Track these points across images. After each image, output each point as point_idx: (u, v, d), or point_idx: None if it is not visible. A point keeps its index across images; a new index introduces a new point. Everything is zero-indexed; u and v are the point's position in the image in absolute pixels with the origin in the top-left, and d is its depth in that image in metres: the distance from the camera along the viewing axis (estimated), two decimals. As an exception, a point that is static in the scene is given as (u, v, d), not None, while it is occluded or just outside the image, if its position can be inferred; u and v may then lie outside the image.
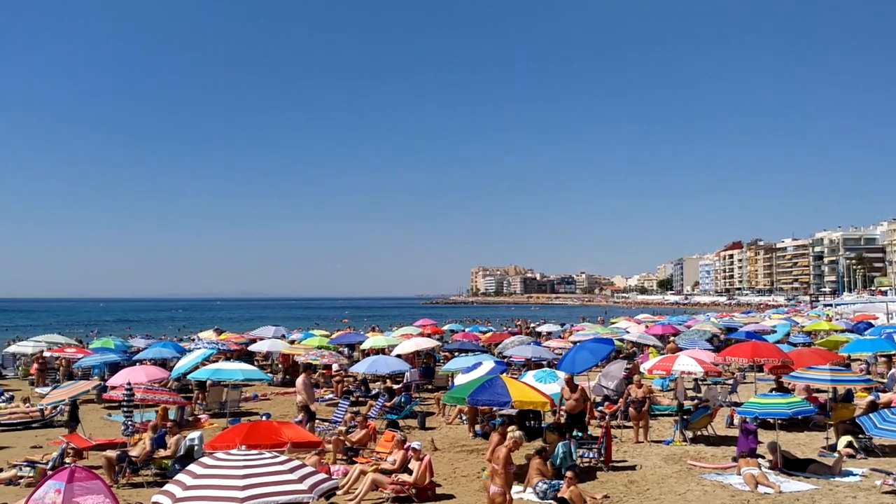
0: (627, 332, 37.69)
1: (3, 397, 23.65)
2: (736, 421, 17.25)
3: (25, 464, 14.31)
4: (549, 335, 44.08)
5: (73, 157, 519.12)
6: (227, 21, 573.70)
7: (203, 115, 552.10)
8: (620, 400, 18.94)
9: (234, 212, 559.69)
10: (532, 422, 17.73)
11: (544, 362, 25.75)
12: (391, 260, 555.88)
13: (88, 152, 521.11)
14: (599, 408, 19.87)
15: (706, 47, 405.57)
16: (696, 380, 23.97)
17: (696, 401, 19.58)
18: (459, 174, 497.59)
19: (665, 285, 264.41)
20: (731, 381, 23.72)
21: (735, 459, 14.19)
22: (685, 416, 17.39)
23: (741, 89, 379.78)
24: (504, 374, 17.50)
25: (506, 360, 27.57)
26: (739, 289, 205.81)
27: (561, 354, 24.61)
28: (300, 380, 18.48)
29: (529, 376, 18.20)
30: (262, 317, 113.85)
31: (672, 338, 33.87)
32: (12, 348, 34.73)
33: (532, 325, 56.65)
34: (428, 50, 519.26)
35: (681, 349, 25.84)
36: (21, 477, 13.81)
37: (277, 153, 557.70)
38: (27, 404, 21.60)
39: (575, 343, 28.64)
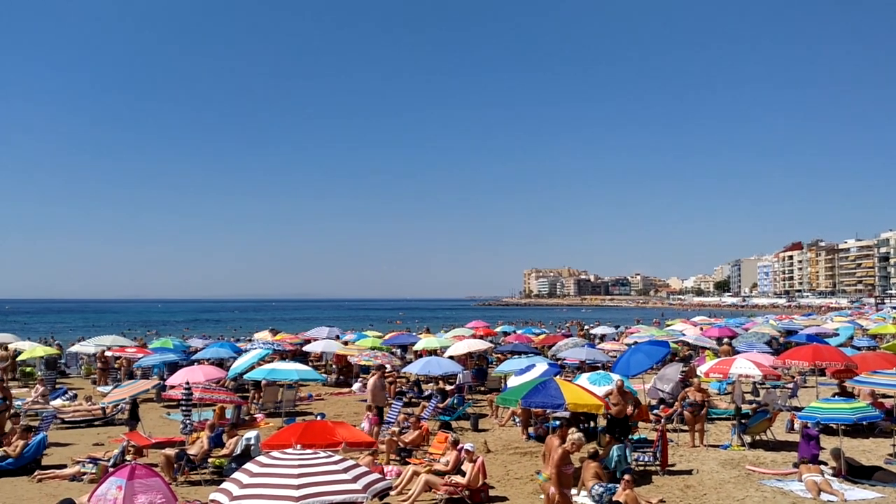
0: (683, 335, 37.11)
1: (66, 395, 24.28)
2: (797, 426, 16.86)
3: (88, 460, 14.68)
4: (604, 337, 43.65)
5: (138, 163, 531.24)
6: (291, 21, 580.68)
7: (261, 120, 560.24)
8: (676, 403, 18.65)
9: (290, 214, 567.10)
10: (584, 424, 17.57)
11: (598, 365, 25.51)
12: (443, 261, 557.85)
13: (155, 157, 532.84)
14: (654, 411, 19.59)
15: (764, 47, 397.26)
16: (754, 383, 23.49)
17: (754, 405, 19.17)
18: (513, 175, 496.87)
19: (722, 287, 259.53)
20: (791, 385, 23.16)
21: (796, 465, 13.86)
22: (743, 421, 17.04)
23: (804, 88, 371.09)
24: (557, 377, 17.37)
25: (559, 362, 27.38)
26: (799, 291, 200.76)
27: (615, 357, 24.35)
28: (372, 381, 18.67)
29: (583, 379, 18.05)
30: (315, 318, 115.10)
31: (728, 340, 33.22)
32: (75, 348, 35.67)
33: (586, 327, 56.14)
34: (482, 49, 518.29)
35: (737, 352, 25.31)
36: (84, 473, 14.18)
37: (332, 155, 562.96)
38: (90, 402, 22.15)
39: (630, 345, 28.32)
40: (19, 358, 31.65)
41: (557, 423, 17.59)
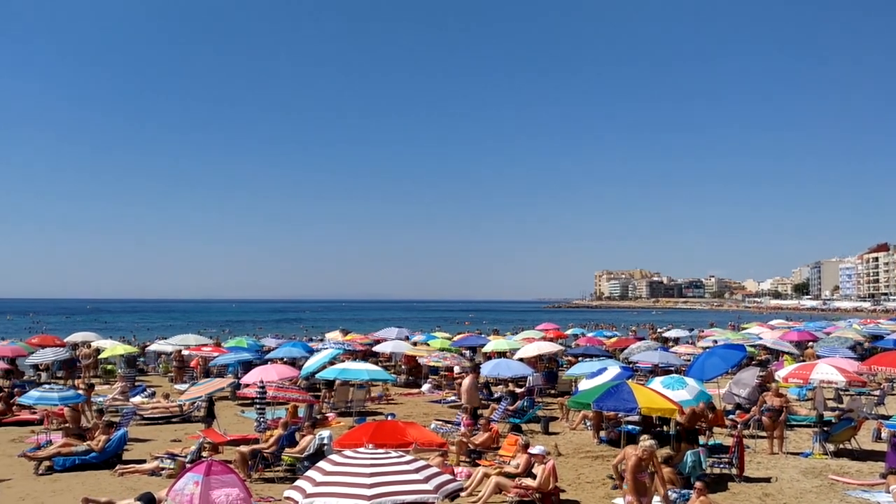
0: (760, 338, 36.16)
1: (145, 393, 25.01)
2: (884, 435, 16.18)
3: (166, 456, 15.06)
4: (677, 340, 42.85)
5: (221, 165, 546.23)
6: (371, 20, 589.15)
7: (328, 119, 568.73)
8: (754, 408, 18.12)
9: (359, 215, 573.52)
10: (657, 428, 17.22)
11: (672, 368, 25.03)
12: (512, 263, 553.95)
13: (221, 158, 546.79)
14: (731, 416, 19.10)
15: (850, 49, 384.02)
16: (837, 390, 22.65)
17: (837, 412, 18.50)
18: (584, 175, 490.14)
19: (801, 290, 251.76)
20: (877, 393, 22.29)
21: (884, 476, 13.27)
22: (825, 428, 16.44)
23: (882, 83, 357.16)
24: (630, 380, 17.09)
25: (631, 365, 26.96)
26: (886, 294, 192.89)
27: (689, 360, 23.85)
28: (467, 381, 18.69)
29: (657, 382, 17.67)
30: (385, 318, 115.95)
31: (811, 344, 32.18)
32: (154, 346, 36.77)
33: (659, 329, 55.19)
34: (545, 46, 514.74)
35: (819, 357, 24.49)
36: (162, 468, 14.54)
37: (400, 157, 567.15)
38: (167, 400, 22.76)
39: (704, 349, 27.70)
40: (101, 356, 32.79)
41: (629, 426, 17.33)
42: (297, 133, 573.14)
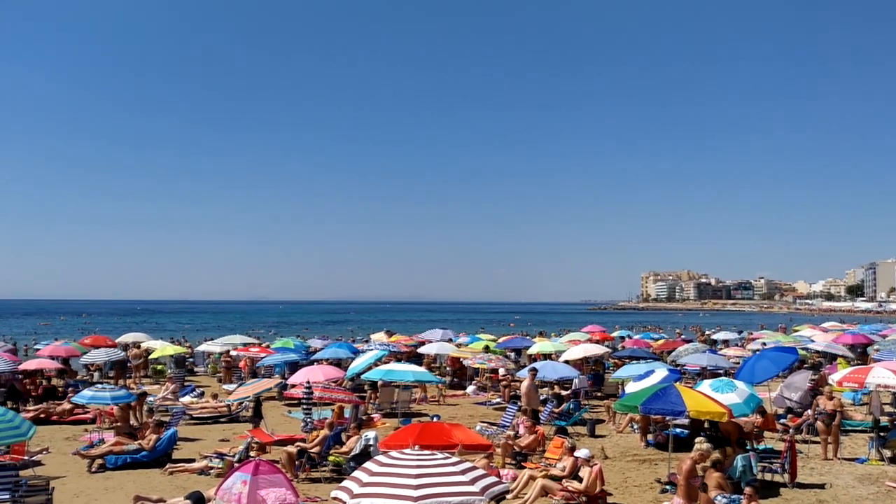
0: (812, 341, 35.32)
1: (194, 393, 25.39)
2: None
3: (215, 455, 15.27)
4: (726, 343, 42.12)
5: (259, 165, 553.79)
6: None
7: (376, 118, 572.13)
8: (806, 412, 17.72)
9: (404, 216, 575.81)
10: (707, 432, 16.92)
11: (720, 371, 24.61)
12: (557, 265, 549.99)
13: (271, 160, 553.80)
14: (782, 420, 18.69)
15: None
16: (894, 394, 22.04)
17: (894, 417, 17.96)
18: (630, 175, 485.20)
19: (854, 291, 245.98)
20: (936, 397, 21.63)
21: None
22: (882, 434, 15.98)
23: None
24: (678, 383, 16.85)
25: (679, 368, 26.58)
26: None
27: (738, 363, 23.42)
28: (526, 382, 18.63)
29: (705, 385, 17.34)
30: (429, 320, 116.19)
31: (876, 349, 31.34)
32: (202, 347, 37.33)
33: (707, 332, 54.35)
34: (596, 46, 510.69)
35: (876, 361, 23.85)
36: (211, 467, 14.74)
37: (446, 157, 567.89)
38: (216, 400, 23.08)
39: (754, 351, 27.19)
40: (151, 356, 33.38)
41: (677, 430, 17.08)
42: (348, 134, 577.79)
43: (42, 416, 20.80)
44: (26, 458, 15.05)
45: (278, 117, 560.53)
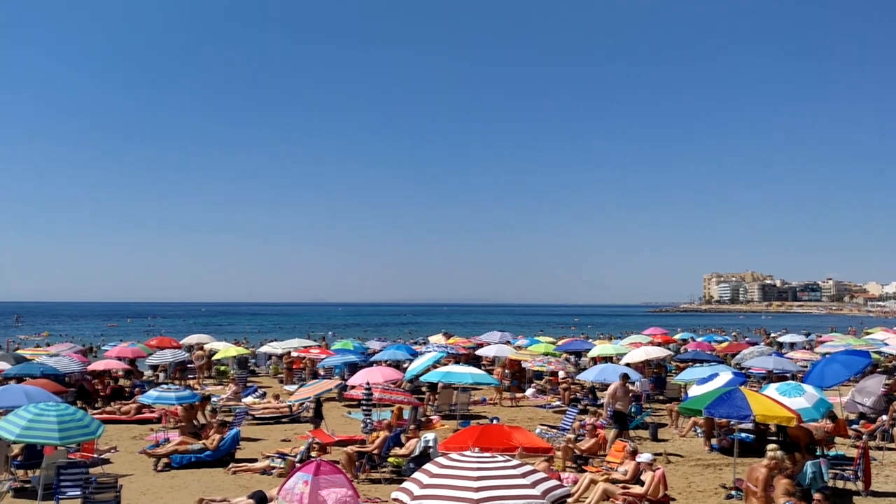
0: (886, 345, 34.14)
1: (256, 393, 25.77)
2: None
3: (277, 455, 15.46)
4: (792, 346, 41.04)
5: (318, 167, 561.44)
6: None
7: (431, 118, 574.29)
8: (880, 418, 17.11)
9: (463, 219, 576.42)
10: (775, 437, 16.50)
11: (787, 375, 23.95)
12: (617, 266, 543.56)
13: (329, 161, 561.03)
14: (854, 426, 18.10)
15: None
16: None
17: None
18: (691, 174, 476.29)
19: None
20: None
21: None
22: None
23: None
24: (743, 386, 16.43)
25: (744, 371, 25.97)
26: None
27: (807, 367, 22.77)
28: (615, 385, 18.37)
29: (772, 389, 16.92)
30: (486, 322, 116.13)
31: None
32: (264, 349, 37.92)
33: (772, 334, 53.05)
34: (649, 45, 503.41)
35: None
36: (273, 467, 14.92)
37: (502, 158, 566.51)
38: (277, 400, 23.37)
39: (823, 355, 26.40)
40: (214, 357, 34.03)
41: (743, 435, 16.68)
42: (408, 134, 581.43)
43: (111, 416, 21.34)
44: (96, 456, 15.48)
45: (335, 120, 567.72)
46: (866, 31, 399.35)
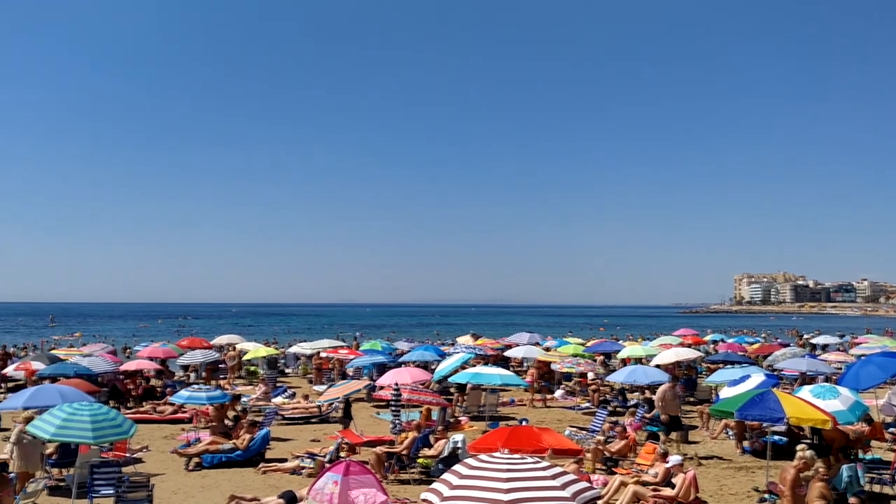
0: (924, 346, 33.51)
1: (286, 393, 25.92)
2: None
3: (307, 455, 15.54)
4: (826, 347, 40.44)
5: (345, 170, 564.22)
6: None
7: (460, 116, 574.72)
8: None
9: (491, 219, 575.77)
10: (808, 440, 16.25)
11: (821, 377, 23.59)
12: (644, 266, 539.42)
13: (356, 162, 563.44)
14: (891, 429, 17.78)
15: None
16: None
17: None
18: (721, 173, 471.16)
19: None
20: None
21: None
22: None
23: None
24: (776, 388, 16.20)
25: (776, 373, 25.62)
26: None
27: (841, 369, 22.40)
28: (664, 388, 18.21)
29: (805, 391, 16.68)
30: (514, 323, 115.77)
31: None
32: (293, 349, 38.11)
33: (805, 336, 52.32)
34: (683, 44, 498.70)
35: None
36: (303, 467, 14.99)
37: (530, 158, 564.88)
38: (307, 401, 23.48)
39: (859, 357, 25.98)
40: (244, 358, 34.28)
41: (775, 437, 16.46)
42: (436, 137, 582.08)
43: (144, 415, 21.57)
44: (128, 455, 15.65)
45: (367, 121, 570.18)
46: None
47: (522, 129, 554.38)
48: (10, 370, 27.19)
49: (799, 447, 10.79)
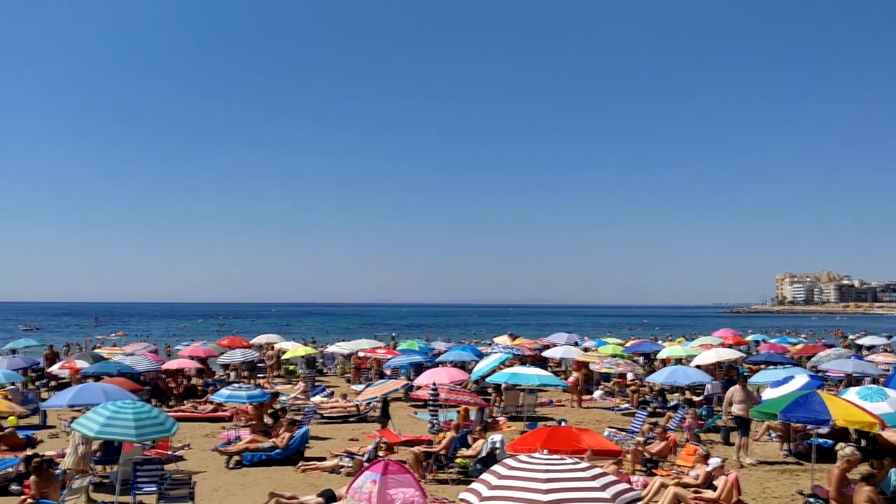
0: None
1: (324, 392, 26.07)
2: None
3: (345, 454, 15.59)
4: (871, 348, 39.59)
5: (380, 169, 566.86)
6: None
7: (491, 116, 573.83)
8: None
9: (529, 219, 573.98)
10: (856, 442, 15.88)
11: (868, 378, 23.09)
12: (687, 266, 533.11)
13: (387, 159, 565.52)
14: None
15: None
16: None
17: None
18: (760, 172, 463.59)
19: None
20: None
21: None
22: None
23: None
24: (820, 390, 15.89)
25: (821, 374, 25.14)
26: None
27: (889, 370, 21.91)
28: (734, 388, 17.70)
29: (851, 393, 16.31)
30: (552, 323, 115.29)
31: None
32: (332, 348, 38.36)
33: (851, 336, 51.28)
34: (728, 43, 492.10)
35: None
36: (341, 466, 15.04)
37: (562, 158, 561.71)
38: (345, 400, 23.60)
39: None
40: (283, 357, 34.59)
41: (820, 440, 16.13)
42: (474, 137, 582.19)
43: (185, 413, 21.85)
44: (170, 453, 15.86)
45: (397, 119, 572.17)
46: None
47: (566, 127, 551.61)
48: (55, 368, 27.73)
49: (838, 446, 10.52)
